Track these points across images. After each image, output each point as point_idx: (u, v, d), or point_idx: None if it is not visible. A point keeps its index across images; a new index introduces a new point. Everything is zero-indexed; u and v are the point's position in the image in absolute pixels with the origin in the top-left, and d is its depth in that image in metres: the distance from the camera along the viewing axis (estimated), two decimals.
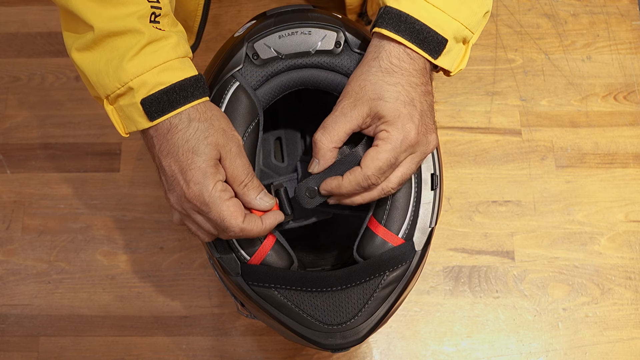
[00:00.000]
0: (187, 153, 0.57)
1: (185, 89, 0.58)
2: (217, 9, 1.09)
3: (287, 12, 0.68)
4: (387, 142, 0.58)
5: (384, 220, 0.63)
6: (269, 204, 0.60)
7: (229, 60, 0.65)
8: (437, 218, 0.66)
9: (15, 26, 1.09)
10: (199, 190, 0.57)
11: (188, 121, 0.58)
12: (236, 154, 0.59)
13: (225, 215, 0.57)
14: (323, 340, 0.62)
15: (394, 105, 0.58)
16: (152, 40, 0.57)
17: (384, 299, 0.62)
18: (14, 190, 1.01)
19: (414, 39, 0.59)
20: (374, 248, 0.63)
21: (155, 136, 0.59)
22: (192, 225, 0.61)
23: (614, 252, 0.96)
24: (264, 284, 0.62)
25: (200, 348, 0.93)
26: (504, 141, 1.01)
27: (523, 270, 0.95)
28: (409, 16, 0.59)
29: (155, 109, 0.57)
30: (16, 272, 0.97)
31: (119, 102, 0.59)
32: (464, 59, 0.63)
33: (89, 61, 0.58)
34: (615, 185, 0.99)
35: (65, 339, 0.93)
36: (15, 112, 1.04)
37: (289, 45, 0.65)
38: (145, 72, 0.57)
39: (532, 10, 1.08)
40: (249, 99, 0.65)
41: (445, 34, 0.60)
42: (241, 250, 0.63)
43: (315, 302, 0.62)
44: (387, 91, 0.58)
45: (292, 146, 0.84)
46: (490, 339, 0.93)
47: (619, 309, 0.94)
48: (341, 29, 0.65)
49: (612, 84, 1.04)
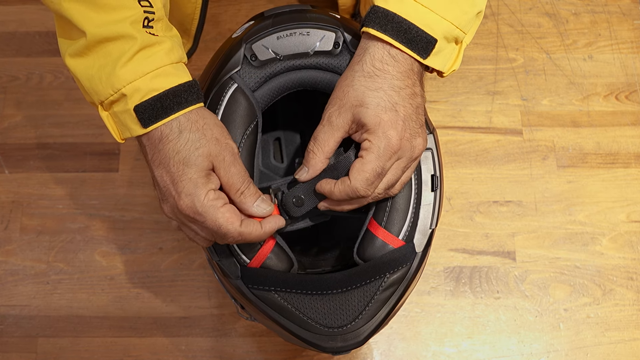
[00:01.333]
0: (178, 164, 0.57)
1: (179, 95, 0.57)
2: (216, 8, 1.09)
3: (285, 12, 0.67)
4: (370, 152, 0.58)
5: (384, 222, 0.63)
6: (266, 211, 0.60)
7: (227, 61, 0.65)
8: (438, 219, 0.65)
9: (14, 25, 1.09)
10: (191, 201, 0.56)
11: (179, 132, 0.57)
12: (230, 162, 0.58)
13: (222, 222, 0.57)
14: (324, 343, 0.61)
15: (375, 111, 0.58)
16: (145, 45, 0.57)
17: (384, 301, 0.62)
18: (12, 190, 1.00)
19: (401, 38, 0.58)
20: (374, 250, 0.63)
21: (148, 145, 0.58)
22: (189, 233, 0.61)
23: (615, 252, 0.96)
24: (263, 287, 0.62)
25: (199, 349, 0.92)
26: (505, 141, 1.01)
27: (524, 271, 0.95)
28: (396, 15, 0.58)
29: (148, 115, 0.56)
30: (14, 273, 0.96)
31: (113, 108, 0.58)
32: (457, 60, 0.62)
33: (82, 67, 0.58)
34: (617, 185, 0.99)
35: (63, 339, 0.93)
36: (13, 112, 1.04)
37: (287, 46, 0.65)
38: (138, 79, 0.56)
39: (534, 9, 1.08)
40: (248, 100, 0.64)
41: (434, 33, 0.59)
42: (241, 253, 0.63)
43: (316, 305, 0.61)
44: (368, 97, 0.58)
45: (292, 147, 0.83)
46: (492, 340, 0.92)
47: (621, 310, 0.93)
48: (339, 30, 0.65)
49: (613, 83, 1.04)
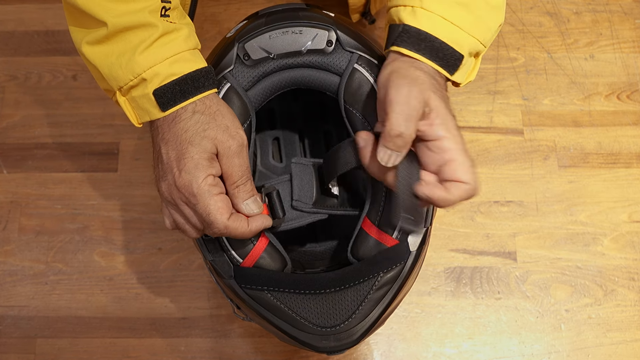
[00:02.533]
0: (184, 142, 0.58)
1: (197, 80, 0.59)
2: (215, 7, 1.08)
3: (278, 11, 0.67)
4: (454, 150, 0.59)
5: (377, 221, 0.63)
6: (253, 212, 0.60)
7: (220, 61, 0.65)
8: (432, 218, 0.65)
9: (12, 24, 1.09)
10: (189, 180, 0.57)
11: (192, 113, 0.59)
12: (235, 152, 0.59)
13: (212, 209, 0.57)
14: (317, 343, 0.61)
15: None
16: (164, 32, 0.59)
17: (378, 300, 0.62)
18: (11, 191, 1.00)
19: (433, 57, 0.59)
20: (367, 249, 0.63)
21: (161, 125, 0.60)
22: (180, 218, 0.61)
23: (617, 252, 0.95)
24: (256, 286, 0.62)
25: (198, 350, 0.92)
26: (505, 141, 1.01)
27: (525, 271, 0.94)
28: (428, 34, 0.59)
29: (167, 99, 0.58)
30: (13, 273, 0.96)
31: (131, 93, 0.59)
32: (474, 71, 0.64)
33: (101, 54, 0.59)
34: (619, 185, 0.98)
35: (62, 340, 0.93)
36: (11, 112, 1.04)
37: (280, 45, 0.65)
38: (157, 64, 0.58)
39: (535, 9, 1.08)
40: (241, 100, 0.64)
41: (461, 50, 0.60)
42: (233, 252, 0.62)
43: (309, 305, 0.61)
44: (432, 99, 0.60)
45: (290, 146, 0.83)
46: (492, 341, 0.92)
47: (622, 311, 0.93)
48: (332, 27, 0.65)
49: (615, 82, 1.04)
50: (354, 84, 0.64)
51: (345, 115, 0.65)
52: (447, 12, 0.60)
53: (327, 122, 0.83)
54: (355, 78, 0.64)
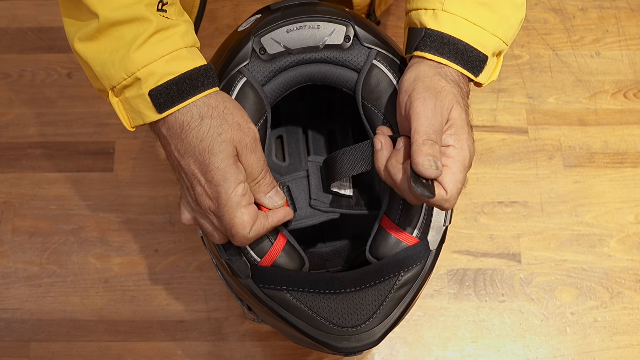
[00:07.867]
0: (203, 153, 0.56)
1: (195, 78, 0.57)
2: (213, 4, 1.09)
3: (294, 5, 0.67)
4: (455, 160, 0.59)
5: (397, 219, 0.63)
6: (277, 205, 0.60)
7: (234, 55, 0.64)
8: (451, 216, 0.65)
9: (5, 21, 1.08)
10: (217, 192, 0.56)
11: (200, 119, 0.57)
12: (251, 149, 0.58)
13: (236, 222, 0.57)
14: (337, 343, 0.61)
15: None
16: (160, 28, 0.56)
17: (399, 300, 0.61)
18: (4, 191, 1.00)
19: (458, 60, 0.59)
20: (387, 248, 0.62)
21: (169, 135, 0.58)
22: (208, 226, 0.60)
23: (623, 254, 0.95)
24: (275, 286, 0.61)
25: (196, 354, 0.92)
26: (510, 140, 1.00)
27: (530, 273, 0.94)
28: (451, 37, 0.59)
29: (164, 100, 0.56)
30: (6, 275, 0.96)
31: (124, 93, 0.57)
32: (496, 70, 0.64)
33: (93, 51, 0.57)
34: (625, 185, 0.98)
35: (56, 344, 0.93)
36: (5, 110, 1.04)
37: (297, 39, 0.64)
38: (153, 62, 0.56)
39: (539, 5, 1.08)
40: (257, 95, 0.64)
41: (486, 50, 0.60)
42: (251, 252, 0.62)
43: (329, 304, 0.61)
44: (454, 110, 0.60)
45: (294, 145, 0.83)
46: (496, 344, 0.92)
47: (629, 313, 0.93)
48: (350, 23, 0.65)
49: (621, 80, 1.04)
50: (372, 80, 0.64)
51: (363, 112, 0.65)
52: (470, 13, 0.60)
53: (333, 121, 0.82)
54: (374, 74, 0.64)
